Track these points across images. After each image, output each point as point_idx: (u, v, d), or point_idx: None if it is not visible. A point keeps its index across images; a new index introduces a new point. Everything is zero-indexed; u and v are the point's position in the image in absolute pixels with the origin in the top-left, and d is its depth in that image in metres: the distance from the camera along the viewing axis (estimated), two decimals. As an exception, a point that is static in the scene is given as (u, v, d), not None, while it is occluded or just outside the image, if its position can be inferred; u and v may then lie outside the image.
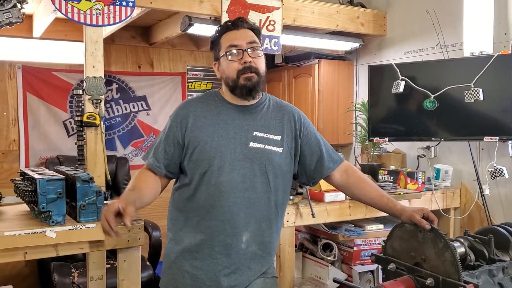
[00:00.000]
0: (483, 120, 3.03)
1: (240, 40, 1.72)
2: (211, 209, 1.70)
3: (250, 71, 1.71)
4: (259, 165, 1.73)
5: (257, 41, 1.76)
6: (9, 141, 4.02)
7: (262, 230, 1.75)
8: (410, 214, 1.66)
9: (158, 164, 1.75)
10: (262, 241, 1.76)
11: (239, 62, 1.71)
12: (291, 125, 1.83)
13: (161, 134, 1.80)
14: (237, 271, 1.73)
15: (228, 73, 1.74)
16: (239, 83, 1.71)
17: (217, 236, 1.70)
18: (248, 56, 1.71)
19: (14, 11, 2.32)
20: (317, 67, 4.17)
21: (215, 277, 1.71)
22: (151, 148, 1.81)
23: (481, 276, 1.60)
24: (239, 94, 1.74)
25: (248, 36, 1.74)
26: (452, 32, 3.37)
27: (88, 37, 2.70)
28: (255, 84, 1.72)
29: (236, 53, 1.71)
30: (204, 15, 3.29)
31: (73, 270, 3.20)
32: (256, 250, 1.75)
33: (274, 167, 1.75)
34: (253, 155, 1.73)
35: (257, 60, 1.73)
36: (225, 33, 1.76)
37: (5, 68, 3.99)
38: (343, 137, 4.21)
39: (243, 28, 1.75)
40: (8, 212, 2.24)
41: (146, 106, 4.62)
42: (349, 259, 3.19)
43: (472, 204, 3.29)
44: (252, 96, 1.75)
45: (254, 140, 1.74)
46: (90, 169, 2.67)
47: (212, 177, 1.69)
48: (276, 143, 1.77)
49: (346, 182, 1.90)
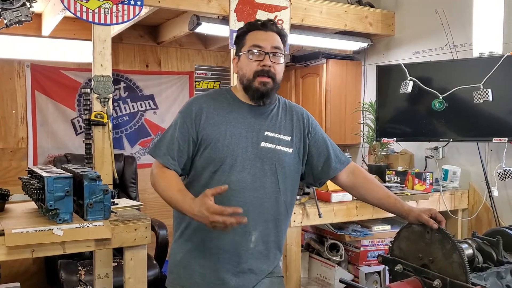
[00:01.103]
0: (492, 121, 3.01)
1: (265, 42, 1.72)
2: None
3: (267, 75, 1.71)
4: (269, 165, 1.73)
5: (281, 48, 1.76)
6: (17, 139, 4.04)
7: (270, 229, 1.75)
8: (417, 214, 1.66)
9: (174, 162, 1.71)
10: (270, 241, 1.76)
11: (258, 63, 1.71)
12: (299, 125, 1.84)
13: (172, 130, 1.75)
14: (245, 270, 1.73)
15: (245, 71, 1.73)
16: (253, 85, 1.71)
17: (226, 235, 1.69)
18: (269, 60, 1.71)
19: (23, 9, 2.34)
20: (325, 67, 4.16)
21: (223, 276, 1.71)
22: (161, 143, 1.75)
23: (489, 278, 1.59)
24: (250, 96, 1.75)
25: (275, 40, 1.74)
26: (461, 32, 3.35)
27: (96, 36, 2.71)
28: (268, 90, 1.72)
29: (258, 54, 1.71)
30: (212, 14, 3.30)
31: (80, 268, 3.22)
32: (264, 250, 1.75)
33: (284, 167, 1.76)
34: (264, 155, 1.73)
35: (276, 66, 1.73)
36: (252, 31, 1.76)
37: (14, 67, 4.02)
38: (351, 137, 4.19)
39: (271, 31, 1.75)
40: (16, 209, 2.26)
41: (153, 105, 4.63)
42: (355, 260, 3.18)
43: (480, 206, 3.27)
44: (263, 102, 1.75)
45: (265, 140, 1.74)
46: (98, 168, 2.68)
47: (222, 175, 1.69)
48: (286, 143, 1.78)
49: (353, 183, 1.90)
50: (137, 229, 2.07)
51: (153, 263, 3.38)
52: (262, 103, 1.75)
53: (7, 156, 3.99)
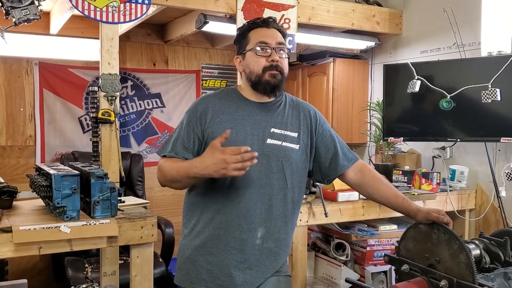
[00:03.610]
0: (500, 121, 2.99)
1: (270, 38, 1.76)
2: (227, 204, 1.71)
3: (276, 69, 1.74)
4: (276, 161, 1.74)
5: (284, 43, 1.80)
6: (25, 137, 4.07)
7: (278, 226, 1.76)
8: (426, 212, 1.66)
9: (178, 157, 1.74)
10: (278, 238, 1.77)
11: (266, 59, 1.74)
12: (307, 122, 1.85)
13: (179, 129, 1.79)
14: (252, 267, 1.73)
15: (253, 67, 1.75)
16: (264, 78, 1.74)
17: (233, 232, 1.70)
18: (276, 55, 1.74)
19: (31, 8, 2.35)
20: (332, 66, 4.15)
21: (230, 272, 1.72)
22: (168, 142, 1.79)
23: (496, 279, 1.58)
24: (261, 90, 1.76)
25: (278, 36, 1.78)
26: (469, 31, 3.32)
27: (104, 34, 2.72)
28: (279, 82, 1.75)
29: (266, 50, 1.74)
30: (219, 13, 3.30)
31: (87, 265, 3.23)
32: (271, 247, 1.76)
33: (291, 164, 1.76)
34: (270, 152, 1.74)
35: (282, 61, 1.77)
36: (255, 29, 1.79)
37: (22, 65, 4.04)
38: (358, 137, 4.18)
39: (273, 28, 1.79)
40: (23, 206, 2.27)
41: (160, 104, 4.64)
42: (362, 259, 3.17)
43: (487, 206, 3.25)
44: (274, 94, 1.78)
45: (271, 136, 1.75)
46: (105, 165, 2.69)
47: None
48: (293, 139, 1.78)
49: (361, 181, 1.90)
50: (143, 227, 2.08)
51: (160, 261, 3.39)
52: (273, 96, 1.78)
53: (15, 153, 4.02)
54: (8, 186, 2.23)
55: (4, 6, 2.31)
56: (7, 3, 2.30)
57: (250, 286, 1.73)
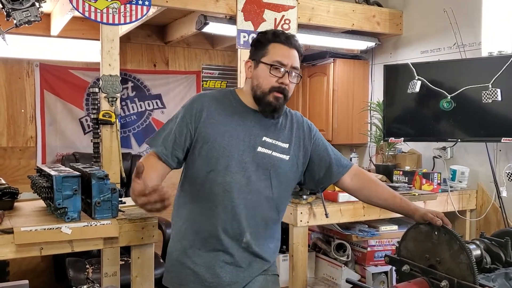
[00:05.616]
0: (501, 121, 2.99)
1: (287, 60, 1.75)
2: (215, 208, 1.72)
3: (282, 92, 1.74)
4: (263, 170, 1.75)
5: (299, 68, 1.79)
6: (26, 138, 4.07)
7: (262, 232, 1.78)
8: (423, 212, 1.67)
9: (166, 152, 1.74)
10: (263, 243, 1.79)
11: (277, 79, 1.73)
12: (299, 133, 1.86)
13: (172, 123, 1.78)
14: (238, 268, 1.75)
15: (261, 82, 1.75)
16: (267, 98, 1.74)
17: (219, 235, 1.72)
18: (288, 78, 1.74)
19: (32, 9, 2.35)
20: (332, 66, 4.15)
21: (217, 273, 1.74)
22: (159, 135, 1.78)
23: (497, 279, 1.58)
24: (261, 110, 1.77)
25: (295, 60, 1.77)
26: (470, 31, 3.32)
27: (104, 36, 2.73)
28: (280, 105, 1.76)
29: (279, 70, 1.73)
30: (219, 14, 3.30)
31: (88, 266, 3.24)
32: (257, 251, 1.77)
33: (279, 173, 1.78)
34: (259, 160, 1.75)
35: (290, 86, 1.77)
36: (276, 43, 1.77)
37: (23, 66, 4.05)
38: (358, 137, 4.18)
39: (294, 48, 1.78)
40: (25, 208, 2.27)
41: (161, 104, 4.65)
42: (362, 260, 3.18)
43: (488, 206, 3.25)
44: (272, 116, 1.78)
45: (262, 145, 1.76)
46: (105, 166, 2.69)
47: (217, 176, 1.71)
48: (283, 150, 1.80)
49: (358, 185, 1.92)
50: (144, 228, 2.08)
51: (160, 262, 3.39)
52: (271, 118, 1.79)
53: (16, 154, 4.03)
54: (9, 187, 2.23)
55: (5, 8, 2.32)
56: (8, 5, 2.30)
57: (237, 286, 1.75)
